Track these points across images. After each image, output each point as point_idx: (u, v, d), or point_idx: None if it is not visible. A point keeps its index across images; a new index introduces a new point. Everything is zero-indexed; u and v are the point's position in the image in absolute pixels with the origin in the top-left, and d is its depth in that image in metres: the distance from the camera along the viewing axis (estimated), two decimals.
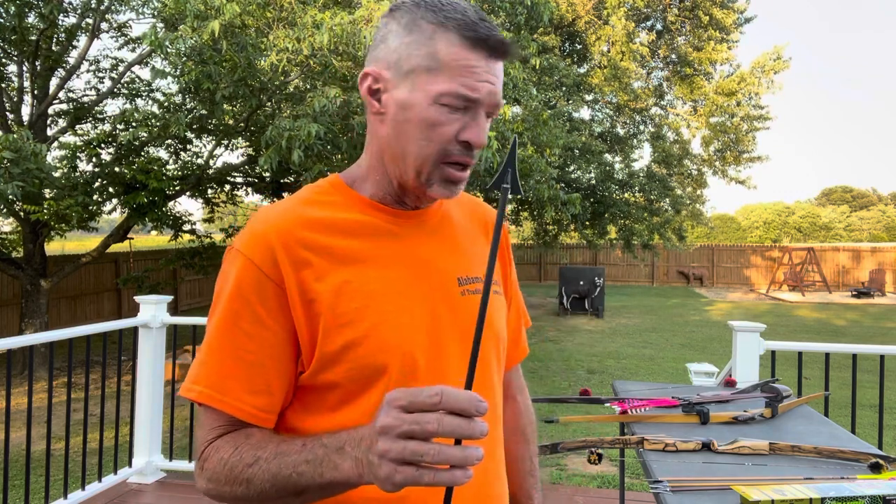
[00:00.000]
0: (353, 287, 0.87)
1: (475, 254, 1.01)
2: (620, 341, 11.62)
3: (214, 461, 0.83)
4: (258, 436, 0.84)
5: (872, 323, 14.76)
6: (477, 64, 0.85)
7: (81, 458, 3.58)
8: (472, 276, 0.97)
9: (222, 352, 0.85)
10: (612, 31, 14.35)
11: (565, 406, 5.97)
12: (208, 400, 0.85)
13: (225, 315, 0.86)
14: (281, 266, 0.85)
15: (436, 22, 0.85)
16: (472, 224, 1.05)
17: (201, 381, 0.85)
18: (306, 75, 6.84)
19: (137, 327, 3.80)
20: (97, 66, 9.84)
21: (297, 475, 0.75)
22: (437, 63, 0.85)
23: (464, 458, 0.63)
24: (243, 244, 0.88)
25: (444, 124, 0.85)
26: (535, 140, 8.03)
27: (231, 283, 0.86)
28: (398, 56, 0.88)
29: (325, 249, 0.88)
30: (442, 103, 0.84)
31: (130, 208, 8.20)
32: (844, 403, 3.93)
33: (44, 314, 8.82)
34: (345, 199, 0.94)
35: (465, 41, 0.84)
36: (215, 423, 0.86)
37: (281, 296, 0.85)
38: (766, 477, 1.51)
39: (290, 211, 0.90)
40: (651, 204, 14.13)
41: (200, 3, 5.73)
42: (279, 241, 0.86)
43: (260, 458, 0.79)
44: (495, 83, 0.86)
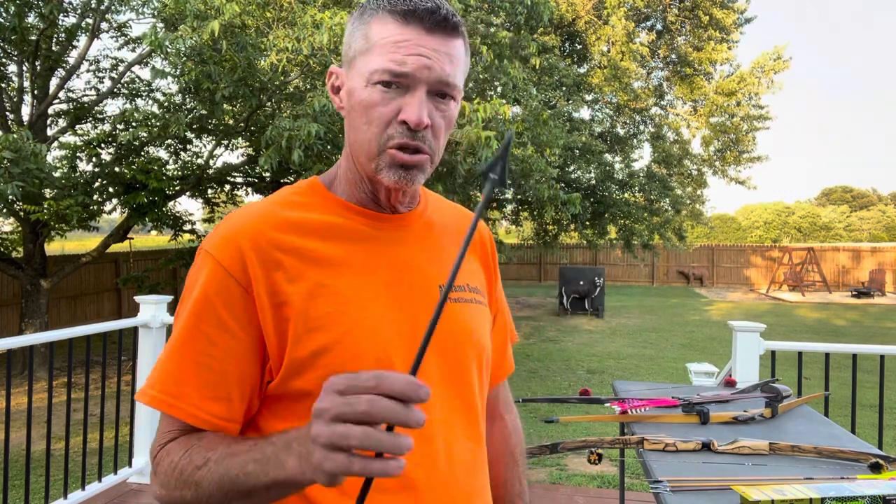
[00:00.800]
0: (326, 291, 0.83)
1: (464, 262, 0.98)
2: (620, 341, 11.63)
3: (165, 465, 0.80)
4: (210, 437, 0.81)
5: (872, 323, 14.76)
6: (408, 38, 0.81)
7: (81, 458, 3.58)
8: (455, 285, 0.94)
9: (182, 357, 0.82)
10: (611, 31, 14.36)
11: (565, 406, 5.97)
12: (161, 405, 0.82)
13: (189, 318, 0.83)
14: (250, 269, 0.82)
15: (374, 7, 0.84)
16: (456, 233, 1.01)
17: (156, 385, 0.83)
18: (306, 75, 6.84)
19: (137, 327, 3.80)
20: (97, 66, 9.84)
21: (245, 475, 0.72)
22: (369, 43, 0.83)
23: (394, 444, 0.58)
24: (212, 246, 0.84)
25: (378, 104, 0.82)
26: (535, 140, 8.03)
27: (198, 286, 0.83)
28: (346, 49, 0.88)
29: (298, 251, 0.85)
30: (374, 82, 0.82)
31: (130, 208, 8.20)
32: (844, 403, 3.93)
33: (44, 314, 8.83)
34: (321, 201, 0.91)
35: (394, 17, 0.82)
36: (169, 427, 0.83)
37: (248, 300, 0.82)
38: (766, 477, 1.51)
39: (264, 212, 0.87)
40: (651, 204, 14.13)
41: (200, 3, 5.73)
42: (250, 243, 0.83)
43: (210, 459, 0.76)
44: (433, 57, 0.81)
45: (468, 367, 0.93)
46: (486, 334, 0.99)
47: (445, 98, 0.85)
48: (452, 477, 0.88)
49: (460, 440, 0.90)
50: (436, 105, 0.84)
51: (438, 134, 0.85)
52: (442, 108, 0.85)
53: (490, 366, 1.02)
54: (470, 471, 0.92)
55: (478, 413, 0.95)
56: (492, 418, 1.12)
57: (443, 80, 0.82)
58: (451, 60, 0.83)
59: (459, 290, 0.95)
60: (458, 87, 0.86)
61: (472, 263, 1.03)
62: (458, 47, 0.85)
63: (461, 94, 0.89)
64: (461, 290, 0.95)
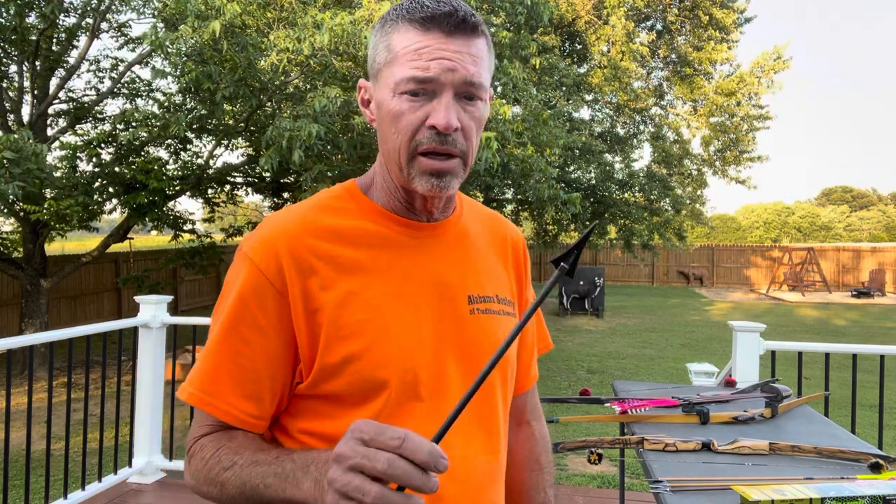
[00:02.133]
0: (358, 299, 0.85)
1: (490, 272, 0.98)
2: (620, 341, 11.62)
3: (198, 459, 0.84)
4: (240, 439, 0.84)
5: (872, 323, 14.76)
6: (428, 43, 0.81)
7: (81, 458, 3.58)
8: (483, 295, 0.94)
9: (219, 355, 0.85)
10: (611, 30, 14.35)
11: (565, 406, 5.97)
12: (197, 402, 0.85)
13: (226, 319, 0.85)
14: (286, 274, 0.84)
15: (392, 18, 0.85)
16: (490, 241, 1.02)
17: (195, 382, 0.86)
18: (306, 75, 6.84)
19: (137, 327, 3.80)
20: (97, 66, 9.84)
21: (265, 486, 0.75)
22: (392, 54, 0.84)
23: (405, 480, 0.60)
24: (251, 248, 0.86)
25: (406, 113, 0.82)
26: (535, 140, 8.03)
27: (235, 287, 0.86)
28: (371, 62, 0.89)
29: (332, 258, 0.86)
30: (401, 92, 0.82)
31: (130, 208, 8.20)
32: (844, 403, 3.93)
33: (44, 314, 8.82)
34: (358, 207, 0.92)
35: (413, 25, 0.83)
36: (205, 422, 0.87)
37: (282, 305, 0.84)
38: (766, 477, 1.51)
39: (302, 217, 0.89)
40: (651, 204, 14.13)
41: (201, 3, 5.73)
42: (287, 248, 0.85)
43: (236, 463, 0.79)
44: (455, 59, 0.81)
45: (492, 381, 0.94)
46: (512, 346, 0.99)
47: (473, 99, 0.84)
48: (465, 491, 0.88)
49: (478, 454, 0.91)
50: (463, 107, 0.84)
51: (469, 135, 0.85)
52: (470, 110, 0.84)
53: (514, 377, 1.02)
54: (485, 485, 0.92)
55: (499, 426, 0.96)
56: (518, 424, 1.12)
57: (468, 80, 0.82)
58: (475, 61, 0.83)
59: (488, 300, 0.95)
60: (485, 86, 0.86)
61: (501, 271, 1.02)
62: (481, 46, 0.85)
63: (489, 93, 0.89)
64: (489, 301, 0.95)
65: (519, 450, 1.11)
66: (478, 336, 0.92)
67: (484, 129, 6.32)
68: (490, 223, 1.05)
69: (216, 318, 0.88)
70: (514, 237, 1.07)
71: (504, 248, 1.04)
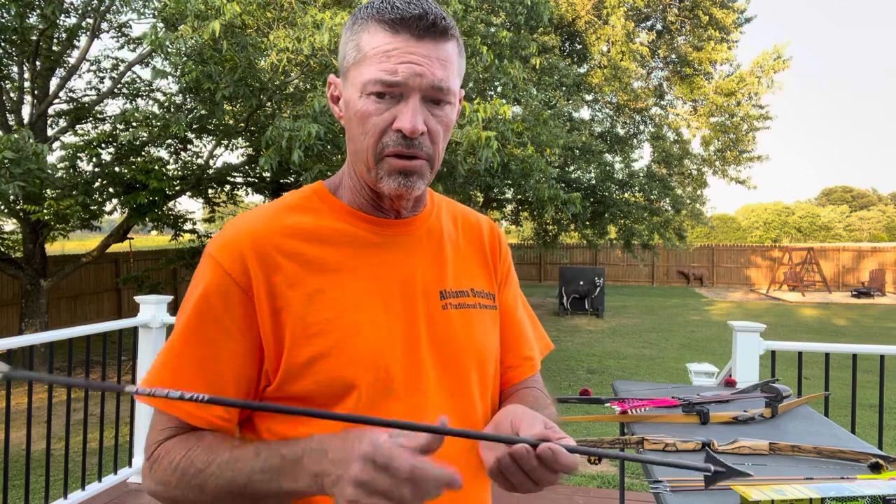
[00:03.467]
0: (325, 297, 0.84)
1: (464, 266, 0.98)
2: (620, 341, 11.63)
3: (164, 464, 0.80)
4: (209, 439, 0.81)
5: (872, 323, 14.76)
6: (396, 46, 0.81)
7: (81, 458, 3.58)
8: (456, 290, 0.94)
9: (182, 357, 0.83)
10: (611, 30, 14.36)
11: (565, 406, 5.97)
12: (160, 404, 0.83)
13: (190, 319, 0.84)
14: (251, 273, 0.83)
15: (363, 16, 0.85)
16: (464, 235, 1.01)
17: (155, 384, 0.83)
18: (306, 75, 6.84)
19: (137, 327, 3.80)
20: (98, 66, 9.84)
21: (253, 483, 0.74)
22: (360, 54, 0.83)
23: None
24: (216, 248, 0.85)
25: (373, 115, 0.82)
26: (535, 140, 8.03)
27: (200, 287, 0.84)
28: (341, 59, 0.88)
29: (299, 257, 0.85)
30: (368, 93, 0.82)
31: (130, 208, 8.20)
32: (844, 403, 3.93)
33: (44, 314, 8.83)
34: (326, 206, 0.91)
35: (383, 25, 0.82)
36: (166, 425, 0.84)
37: (248, 304, 0.83)
38: (766, 477, 1.51)
39: (267, 216, 0.88)
40: (651, 204, 14.13)
41: (201, 3, 5.73)
42: (251, 246, 0.84)
43: (212, 462, 0.77)
44: (423, 63, 0.81)
45: (467, 376, 0.93)
46: (490, 338, 0.98)
47: (440, 103, 0.84)
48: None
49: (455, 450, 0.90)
50: (431, 111, 0.84)
51: (436, 139, 0.85)
52: (438, 114, 0.84)
53: (497, 369, 1.01)
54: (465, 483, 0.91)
55: (477, 420, 0.95)
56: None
57: (435, 85, 0.82)
58: (443, 65, 0.83)
59: (462, 295, 0.95)
60: (453, 90, 0.85)
61: (477, 264, 1.01)
62: (450, 50, 0.84)
63: (458, 97, 0.88)
64: (463, 296, 0.95)
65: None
66: (451, 333, 0.91)
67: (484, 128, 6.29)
68: (464, 218, 1.04)
69: (179, 319, 0.86)
70: (489, 229, 1.07)
71: (480, 240, 1.04)
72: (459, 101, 0.91)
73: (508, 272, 1.08)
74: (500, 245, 1.08)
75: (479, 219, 1.07)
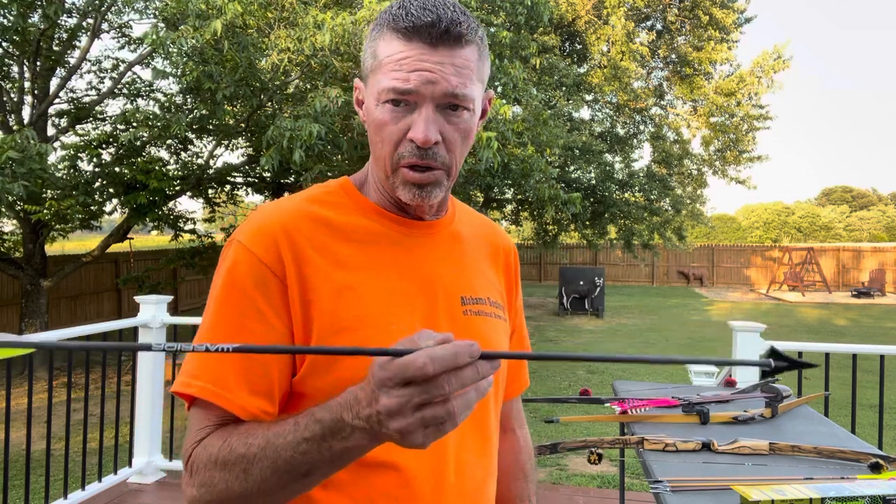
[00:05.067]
0: (353, 294, 0.83)
1: (482, 276, 0.98)
2: (620, 341, 11.63)
3: (203, 460, 0.75)
4: (244, 426, 0.77)
5: (872, 323, 14.76)
6: (409, 54, 0.80)
7: (81, 458, 3.58)
8: (476, 297, 0.94)
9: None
10: (611, 30, 14.36)
11: (565, 406, 5.98)
12: (211, 396, 0.78)
13: (226, 310, 0.81)
14: (285, 261, 0.82)
15: (381, 22, 0.84)
16: (483, 247, 1.02)
17: (201, 375, 0.78)
18: (307, 75, 6.84)
19: (137, 327, 3.80)
20: (99, 66, 9.84)
21: (300, 454, 0.69)
22: (377, 62, 0.84)
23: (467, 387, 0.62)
24: (246, 236, 0.84)
25: (389, 124, 0.82)
26: (535, 140, 8.03)
27: (233, 277, 0.82)
28: (363, 64, 0.89)
29: (329, 251, 0.85)
30: (383, 101, 0.82)
31: (130, 208, 8.21)
32: (844, 403, 3.93)
33: (44, 314, 8.83)
34: (353, 203, 0.91)
35: (397, 34, 0.81)
36: (204, 423, 0.79)
37: (283, 292, 0.81)
38: (766, 477, 1.51)
39: (297, 207, 0.88)
40: (651, 204, 14.14)
41: (202, 3, 5.74)
42: (284, 235, 0.83)
43: (252, 444, 0.73)
44: (436, 70, 0.80)
45: None
46: (504, 348, 0.99)
47: (458, 110, 0.83)
48: (460, 492, 0.88)
49: (472, 456, 0.91)
50: (448, 118, 0.82)
51: (452, 148, 0.84)
52: (455, 121, 0.83)
53: (505, 381, 1.03)
54: (479, 487, 0.92)
55: (491, 429, 0.96)
56: (503, 431, 1.12)
57: (449, 92, 0.80)
58: (458, 71, 0.81)
59: (480, 302, 0.95)
60: (471, 96, 0.83)
61: (493, 276, 1.02)
62: (467, 55, 0.82)
63: (477, 102, 0.86)
64: (482, 304, 0.95)
65: (504, 457, 1.11)
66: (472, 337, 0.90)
67: (484, 128, 6.30)
68: (482, 228, 1.05)
69: (213, 312, 0.82)
70: (505, 244, 1.08)
71: (496, 253, 1.05)
72: (489, 102, 0.92)
73: (518, 288, 1.10)
74: (515, 262, 1.09)
75: (497, 232, 1.08)
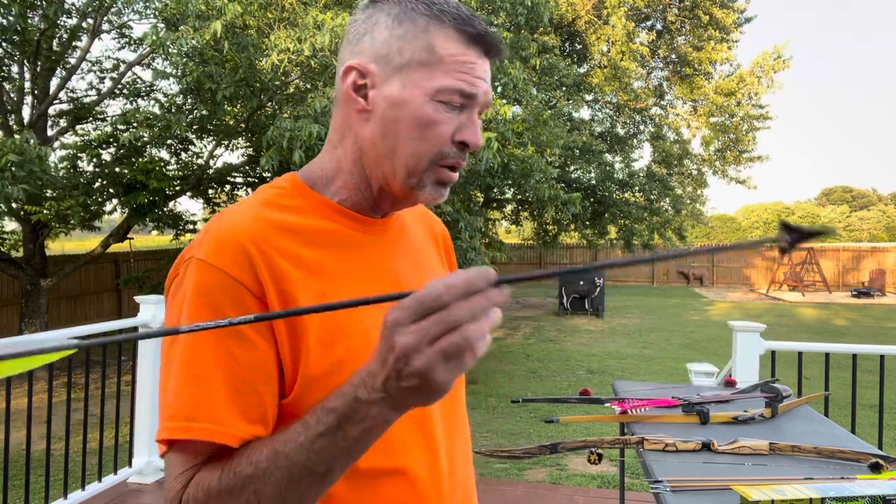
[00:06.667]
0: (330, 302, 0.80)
1: (432, 267, 0.98)
2: (620, 341, 11.63)
3: (202, 498, 0.68)
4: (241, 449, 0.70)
5: (872, 323, 14.76)
6: (473, 60, 0.80)
7: (81, 458, 3.58)
8: None
9: (207, 379, 0.71)
10: (611, 30, 14.36)
11: (565, 406, 5.97)
12: (211, 435, 0.69)
13: (202, 337, 0.71)
14: (261, 278, 0.74)
15: (430, 14, 0.80)
16: (425, 235, 1.01)
17: (199, 416, 0.70)
18: (307, 76, 6.84)
19: (137, 327, 3.81)
20: (99, 66, 9.85)
21: (316, 453, 0.65)
22: (434, 57, 0.79)
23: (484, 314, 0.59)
24: (210, 253, 0.74)
25: (440, 123, 0.80)
26: (535, 140, 8.03)
27: (204, 298, 0.72)
28: (388, 49, 0.81)
29: (298, 259, 0.78)
30: (439, 100, 0.79)
31: (131, 208, 8.21)
32: (844, 403, 3.93)
33: (44, 314, 8.83)
34: (309, 203, 0.84)
35: (462, 35, 0.80)
36: (190, 462, 0.70)
37: (264, 311, 0.74)
38: (766, 477, 1.51)
39: (257, 214, 0.80)
40: (651, 204, 14.15)
41: (202, 4, 5.74)
42: (255, 247, 0.75)
43: (259, 461, 0.67)
44: (486, 80, 0.83)
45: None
46: None
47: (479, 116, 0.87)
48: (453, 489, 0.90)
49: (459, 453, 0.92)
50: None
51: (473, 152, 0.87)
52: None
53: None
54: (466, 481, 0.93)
55: (467, 425, 0.98)
56: None
57: (489, 103, 0.85)
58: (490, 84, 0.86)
59: None
60: None
61: (438, 264, 1.01)
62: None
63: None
64: None
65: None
66: None
67: (484, 129, 6.33)
68: (421, 216, 1.04)
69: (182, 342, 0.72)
70: (441, 229, 1.07)
71: (436, 239, 1.04)
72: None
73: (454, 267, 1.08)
74: (450, 246, 1.08)
75: (432, 218, 1.07)
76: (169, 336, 0.73)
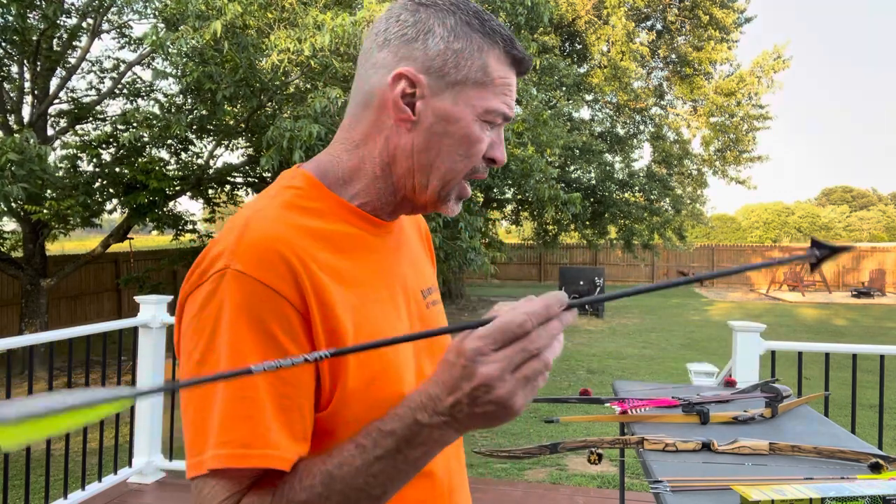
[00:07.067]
0: (361, 314, 0.77)
1: (425, 264, 0.99)
2: (620, 341, 11.63)
3: None
4: (289, 474, 0.68)
5: (872, 323, 14.76)
6: (511, 82, 0.83)
7: (81, 458, 3.58)
8: (429, 288, 0.95)
9: (257, 402, 0.67)
10: (612, 30, 14.37)
11: (565, 406, 5.97)
12: (263, 461, 0.66)
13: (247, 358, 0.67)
14: (304, 290, 0.70)
15: (483, 31, 0.80)
16: (414, 232, 1.01)
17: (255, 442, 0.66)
18: (307, 76, 6.85)
19: (137, 327, 3.80)
20: (99, 66, 9.86)
21: (373, 476, 0.65)
22: (488, 78, 0.80)
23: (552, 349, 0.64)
24: (246, 263, 0.69)
25: (481, 141, 0.81)
26: (535, 140, 8.04)
27: (246, 312, 0.68)
28: (443, 62, 0.78)
29: (333, 270, 0.76)
30: (485, 120, 0.81)
31: (131, 208, 8.21)
32: (844, 403, 3.93)
33: (44, 314, 8.83)
34: (328, 206, 0.81)
35: (508, 58, 0.82)
36: (234, 489, 0.67)
37: (308, 330, 0.71)
38: (766, 477, 1.51)
39: (286, 218, 0.76)
40: (651, 204, 14.15)
41: (202, 4, 5.74)
42: (296, 258, 0.71)
43: (312, 486, 0.66)
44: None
45: None
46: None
47: None
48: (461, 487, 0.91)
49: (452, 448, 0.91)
50: None
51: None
52: None
53: None
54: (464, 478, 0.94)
55: None
56: None
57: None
58: None
59: (432, 292, 0.96)
60: None
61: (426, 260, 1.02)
62: None
63: None
64: (433, 293, 0.96)
65: None
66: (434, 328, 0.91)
67: None
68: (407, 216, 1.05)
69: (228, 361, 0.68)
70: (424, 224, 1.08)
71: (422, 236, 1.05)
72: None
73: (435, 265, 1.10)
74: (429, 234, 1.09)
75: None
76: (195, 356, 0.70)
